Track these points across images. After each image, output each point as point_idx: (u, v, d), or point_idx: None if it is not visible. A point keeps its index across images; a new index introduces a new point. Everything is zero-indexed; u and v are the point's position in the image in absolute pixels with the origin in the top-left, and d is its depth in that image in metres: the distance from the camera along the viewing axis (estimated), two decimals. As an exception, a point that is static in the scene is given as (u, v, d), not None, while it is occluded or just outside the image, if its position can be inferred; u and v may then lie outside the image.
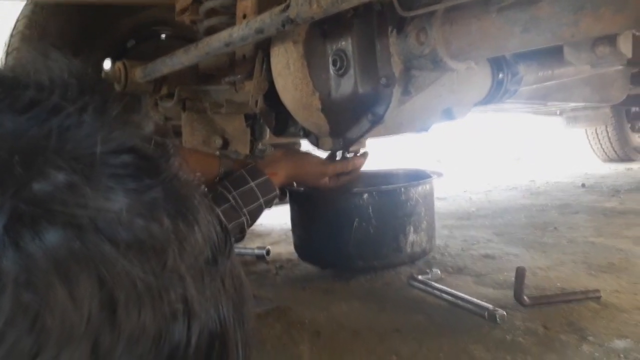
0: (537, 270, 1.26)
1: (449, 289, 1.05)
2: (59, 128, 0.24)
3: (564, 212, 2.08)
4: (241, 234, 1.05)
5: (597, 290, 1.02)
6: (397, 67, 1.07)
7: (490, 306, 0.93)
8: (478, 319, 0.95)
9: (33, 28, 1.60)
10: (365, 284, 1.23)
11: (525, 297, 0.97)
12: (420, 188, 1.30)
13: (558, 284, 1.14)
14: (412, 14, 0.96)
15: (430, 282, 1.12)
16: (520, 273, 0.95)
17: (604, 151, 4.70)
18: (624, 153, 4.60)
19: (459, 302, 1.00)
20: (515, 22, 0.84)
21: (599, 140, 4.65)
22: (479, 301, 0.97)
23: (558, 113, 3.15)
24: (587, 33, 0.78)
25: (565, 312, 0.97)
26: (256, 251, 1.66)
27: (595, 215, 1.96)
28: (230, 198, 1.00)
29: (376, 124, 1.13)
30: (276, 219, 2.07)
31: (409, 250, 1.25)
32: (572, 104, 2.39)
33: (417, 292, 1.12)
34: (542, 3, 0.79)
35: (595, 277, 1.20)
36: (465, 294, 1.07)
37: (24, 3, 1.68)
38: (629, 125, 4.60)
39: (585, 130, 4.80)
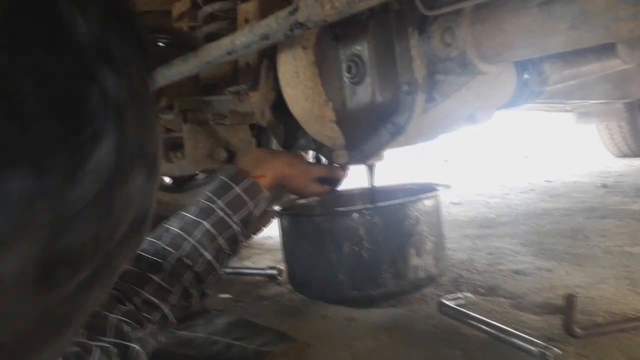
0: (577, 289, 1.15)
1: (487, 320, 0.93)
2: None
3: (590, 217, 1.96)
4: (235, 246, 0.91)
5: (654, 316, 0.91)
6: (419, 72, 0.95)
7: (540, 342, 0.81)
8: (525, 355, 0.83)
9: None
10: (390, 311, 1.12)
11: (576, 328, 0.85)
12: (420, 204, 1.13)
13: (604, 307, 1.03)
14: (436, 12, 0.85)
15: (463, 309, 1.00)
16: (570, 302, 0.84)
17: (616, 146, 4.60)
18: (638, 148, 4.49)
19: (501, 335, 0.88)
20: (561, 17, 0.72)
21: (612, 136, 4.54)
22: (524, 335, 0.85)
23: (569, 109, 3.04)
24: (649, 27, 0.66)
25: (622, 344, 0.86)
26: (267, 271, 1.56)
27: (625, 220, 1.84)
28: (216, 208, 0.89)
29: (397, 135, 1.02)
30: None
31: (411, 276, 1.09)
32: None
33: (450, 321, 1.01)
34: (595, -6, 0.68)
35: (644, 295, 1.09)
36: (504, 321, 0.96)
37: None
38: (642, 119, 4.48)
39: (597, 125, 4.69)
